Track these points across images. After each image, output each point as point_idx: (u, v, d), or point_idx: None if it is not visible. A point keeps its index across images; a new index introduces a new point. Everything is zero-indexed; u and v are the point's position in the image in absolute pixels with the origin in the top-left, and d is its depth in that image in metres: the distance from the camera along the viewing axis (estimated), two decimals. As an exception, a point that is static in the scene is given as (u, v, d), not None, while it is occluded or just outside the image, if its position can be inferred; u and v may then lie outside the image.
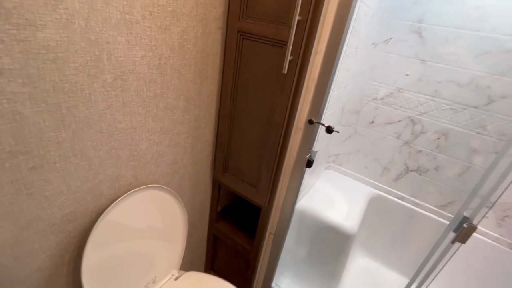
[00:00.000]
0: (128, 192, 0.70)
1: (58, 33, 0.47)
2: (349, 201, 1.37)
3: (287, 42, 0.68)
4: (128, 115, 0.65)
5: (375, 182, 1.53)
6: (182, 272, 0.94)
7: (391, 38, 1.30)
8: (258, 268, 1.18)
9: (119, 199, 0.67)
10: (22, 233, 0.54)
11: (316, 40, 0.71)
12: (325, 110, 0.83)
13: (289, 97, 0.75)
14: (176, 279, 0.90)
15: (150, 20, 0.61)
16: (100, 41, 0.53)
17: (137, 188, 0.72)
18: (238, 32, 0.78)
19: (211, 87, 0.88)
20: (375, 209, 1.47)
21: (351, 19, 0.70)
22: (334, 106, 1.21)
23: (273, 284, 1.25)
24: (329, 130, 0.79)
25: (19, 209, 0.52)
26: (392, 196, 1.48)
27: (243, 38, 0.79)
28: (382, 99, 1.39)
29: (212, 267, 1.38)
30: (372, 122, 1.45)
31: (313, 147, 0.89)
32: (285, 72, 0.70)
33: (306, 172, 0.95)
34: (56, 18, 0.46)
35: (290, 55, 0.69)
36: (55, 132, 0.52)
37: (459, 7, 1.12)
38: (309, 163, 0.89)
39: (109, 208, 0.65)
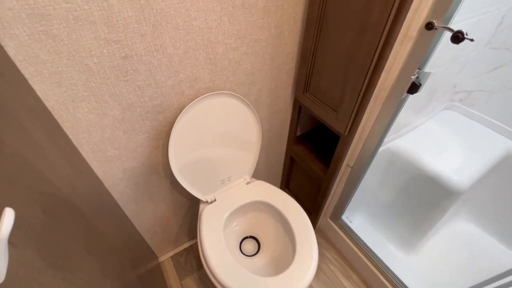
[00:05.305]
0: (206, 94, 0.74)
1: None
2: (468, 152, 1.05)
3: None
4: (203, 12, 0.63)
5: (523, 136, 1.08)
6: (253, 179, 1.03)
7: None
8: (329, 197, 1.15)
9: (197, 99, 0.73)
10: (125, 113, 0.67)
11: None
12: (459, 7, 0.55)
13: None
14: (247, 183, 1.00)
15: None
16: None
17: (214, 92, 0.75)
18: None
19: (300, -19, 0.72)
20: (509, 170, 1.08)
21: None
22: (484, 10, 0.81)
23: (344, 217, 1.22)
24: (457, 37, 0.54)
25: (120, 92, 0.63)
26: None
27: None
28: None
29: (287, 186, 1.46)
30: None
31: (426, 66, 0.66)
32: None
33: (407, 104, 0.74)
34: None
35: None
36: (137, 24, 0.56)
37: None
38: (413, 88, 0.68)
39: (188, 106, 0.72)
